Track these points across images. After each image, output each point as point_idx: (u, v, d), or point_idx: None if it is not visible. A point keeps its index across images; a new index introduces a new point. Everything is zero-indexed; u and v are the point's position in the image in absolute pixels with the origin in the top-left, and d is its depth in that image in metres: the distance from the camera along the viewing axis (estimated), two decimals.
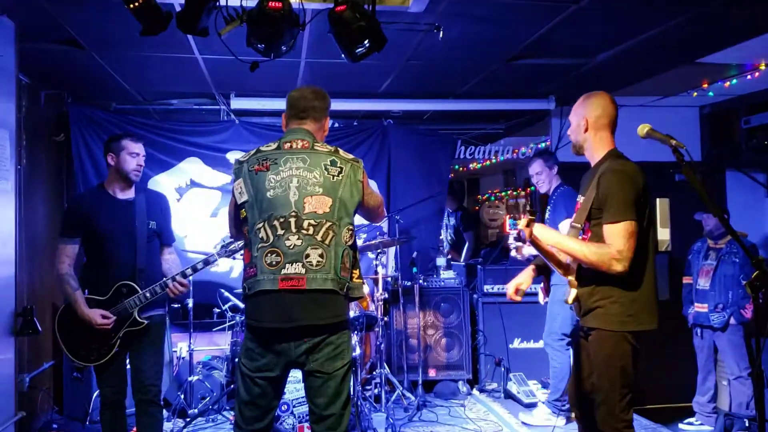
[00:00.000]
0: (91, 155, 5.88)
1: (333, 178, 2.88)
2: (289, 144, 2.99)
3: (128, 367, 3.80)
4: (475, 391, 6.25)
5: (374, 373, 5.48)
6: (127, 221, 3.70)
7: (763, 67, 5.08)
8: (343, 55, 3.56)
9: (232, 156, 6.24)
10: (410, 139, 6.59)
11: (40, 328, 4.03)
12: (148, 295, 3.63)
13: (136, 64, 4.92)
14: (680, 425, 5.51)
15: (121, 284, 3.64)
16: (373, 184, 6.55)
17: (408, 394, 5.71)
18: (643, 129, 2.48)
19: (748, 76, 5.33)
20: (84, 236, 3.68)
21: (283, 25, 3.28)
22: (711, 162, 6.86)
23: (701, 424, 5.45)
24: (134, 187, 3.82)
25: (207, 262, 3.73)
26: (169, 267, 3.88)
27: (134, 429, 3.78)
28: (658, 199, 7.02)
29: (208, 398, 5.42)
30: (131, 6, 3.08)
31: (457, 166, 9.29)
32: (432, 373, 6.24)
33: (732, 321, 5.13)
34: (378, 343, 5.25)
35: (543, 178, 5.31)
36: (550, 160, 5.34)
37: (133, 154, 3.74)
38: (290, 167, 2.88)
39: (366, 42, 3.44)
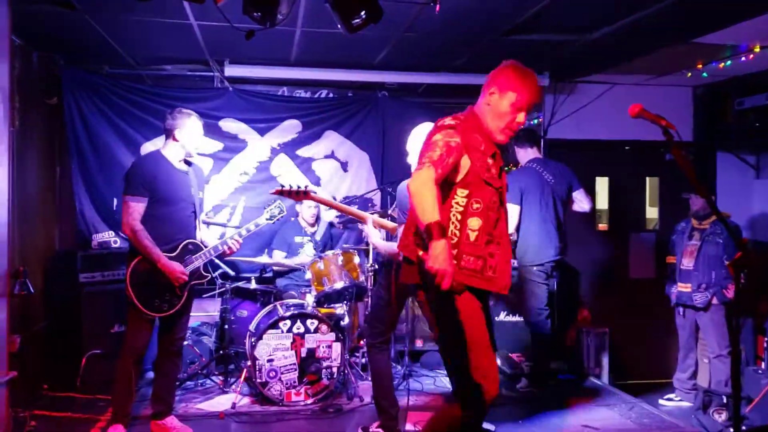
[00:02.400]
0: (84, 119, 5.86)
1: None
2: None
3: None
4: None
5: (362, 342, 5.55)
6: (186, 189, 4.13)
7: (757, 50, 5.10)
8: (339, 26, 3.56)
9: (225, 123, 6.23)
10: (404, 112, 6.58)
11: (32, 289, 4.05)
12: (212, 251, 4.15)
13: (131, 28, 4.88)
14: (660, 401, 5.63)
15: (188, 242, 4.10)
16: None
17: (395, 364, 5.79)
18: (634, 109, 2.51)
19: (743, 58, 5.35)
20: (150, 196, 3.96)
21: None
22: (702, 142, 6.90)
23: (680, 400, 5.57)
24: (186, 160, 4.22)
25: (257, 225, 4.43)
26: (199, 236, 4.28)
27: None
28: (647, 178, 7.07)
29: (197, 363, 5.48)
30: None
31: None
32: (419, 344, 6.32)
33: (714, 301, 5.22)
34: (367, 312, 5.30)
35: (518, 155, 5.57)
36: (521, 138, 5.44)
37: (198, 135, 4.15)
38: None
39: (363, 13, 3.44)
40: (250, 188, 6.28)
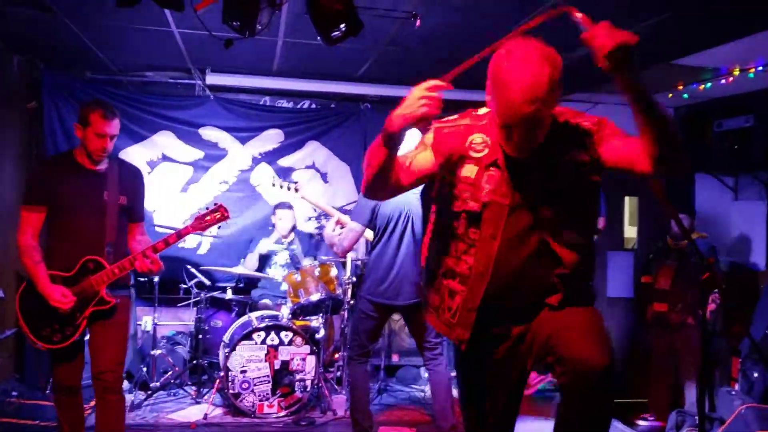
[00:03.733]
0: (63, 124, 5.81)
1: None
2: None
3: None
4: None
5: (337, 356, 5.52)
6: (96, 193, 3.42)
7: (736, 73, 5.15)
8: (318, 38, 3.56)
9: (205, 131, 6.20)
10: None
11: (3, 294, 3.98)
12: (116, 270, 3.37)
13: (112, 34, 4.86)
14: (636, 421, 5.62)
15: (87, 260, 3.37)
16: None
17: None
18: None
19: (722, 81, 5.40)
20: (49, 206, 3.38)
21: (259, 4, 3.28)
22: None
23: (655, 420, 5.57)
24: (107, 158, 3.49)
25: (179, 236, 3.56)
26: (136, 247, 3.58)
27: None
28: (626, 197, 7.11)
29: (170, 372, 5.43)
30: None
31: None
32: (395, 359, 6.29)
33: (690, 321, 5.23)
34: (342, 326, 5.28)
35: None
36: None
37: (100, 135, 3.35)
38: None
39: (342, 26, 3.44)
40: (229, 197, 6.25)
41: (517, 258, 2.12)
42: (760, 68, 4.96)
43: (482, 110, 2.25)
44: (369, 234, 4.47)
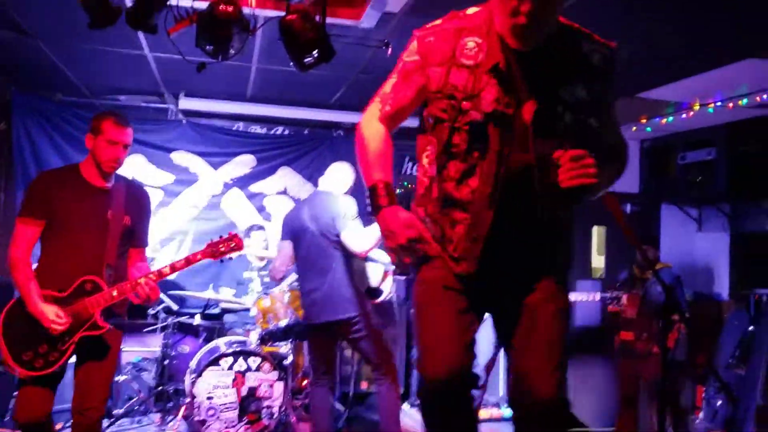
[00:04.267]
0: (33, 145, 5.76)
1: None
2: None
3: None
4: (405, 405, 6.28)
5: (305, 382, 5.47)
6: (99, 211, 3.18)
7: (696, 107, 5.30)
8: (291, 64, 3.60)
9: (177, 156, 6.20)
10: None
11: None
12: (115, 293, 3.10)
13: (85, 57, 4.86)
14: None
15: (85, 280, 3.11)
16: None
17: (339, 406, 5.71)
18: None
19: (683, 115, 5.55)
20: (48, 221, 3.13)
21: (232, 29, 3.31)
22: (649, 195, 7.08)
23: None
24: (114, 175, 3.28)
25: (188, 262, 3.31)
26: (135, 274, 3.30)
27: None
28: (594, 227, 7.21)
29: (135, 399, 5.33)
30: None
31: (405, 183, 9.37)
32: (364, 386, 6.26)
33: (655, 350, 5.30)
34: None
35: None
36: None
37: (113, 143, 3.16)
38: None
39: (315, 52, 3.49)
40: (199, 222, 6.21)
41: (524, 178, 1.89)
42: (719, 103, 5.12)
43: (471, 10, 2.00)
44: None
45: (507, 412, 6.01)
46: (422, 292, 2.08)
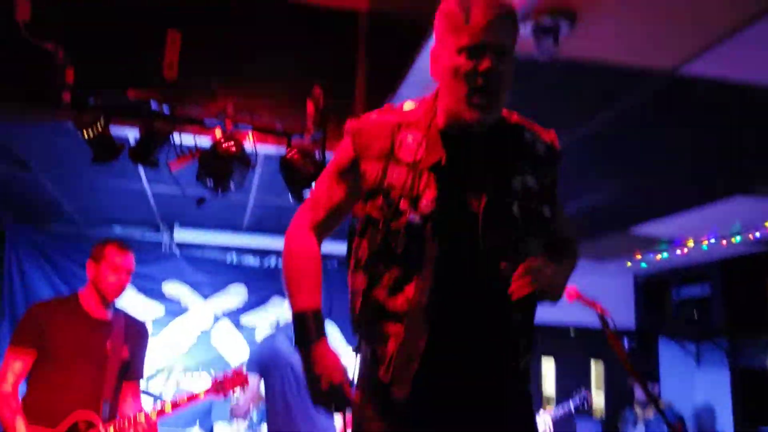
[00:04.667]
0: (23, 276, 5.72)
1: None
2: None
3: None
4: None
5: None
6: (98, 343, 3.06)
7: (690, 244, 5.35)
8: (290, 197, 3.64)
9: (168, 286, 6.13)
10: None
11: None
12: (112, 430, 2.96)
13: (83, 190, 4.91)
14: None
15: (79, 418, 2.93)
16: None
17: None
18: (570, 294, 2.54)
19: (677, 251, 5.60)
20: (40, 352, 2.98)
21: (233, 165, 3.36)
22: (644, 329, 7.01)
23: None
24: (113, 307, 3.19)
25: (191, 399, 3.24)
26: (127, 410, 3.16)
27: None
28: (592, 360, 7.07)
29: None
30: (86, 136, 3.12)
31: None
32: None
33: None
34: None
35: None
36: None
37: (116, 268, 3.10)
38: None
39: (313, 184, 3.53)
40: (187, 355, 6.05)
41: (469, 287, 1.66)
42: (713, 240, 5.17)
43: (407, 105, 1.81)
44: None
45: None
46: None
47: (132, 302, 6.01)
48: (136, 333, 3.29)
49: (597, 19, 2.42)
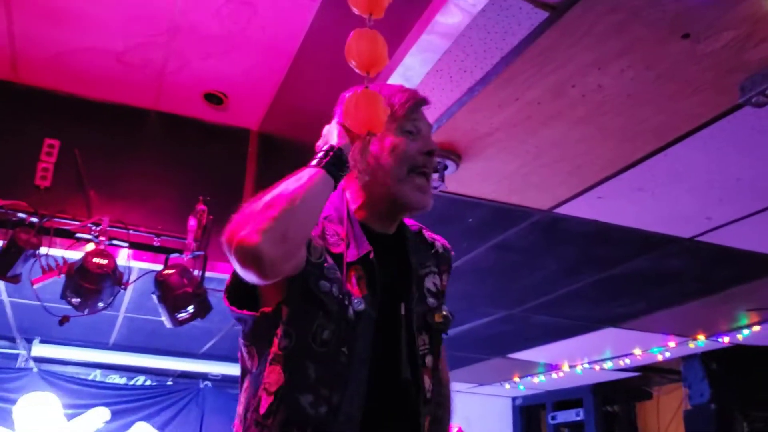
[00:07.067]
0: None
1: None
2: None
3: None
4: None
5: None
6: None
7: (565, 368, 5.49)
8: (163, 318, 3.44)
9: (21, 406, 5.55)
10: (228, 404, 6.25)
11: None
12: None
13: None
14: None
15: None
16: None
17: None
18: (454, 428, 2.50)
19: (554, 375, 5.73)
20: None
21: (104, 283, 3.15)
22: None
23: None
24: None
25: None
26: None
27: None
28: None
29: None
30: None
31: None
32: None
33: None
34: None
35: None
36: None
37: None
38: None
39: (190, 308, 3.35)
40: None
41: (387, 393, 1.44)
42: (587, 365, 5.35)
43: None
44: None
45: None
46: None
47: None
48: None
49: (480, 162, 2.52)
